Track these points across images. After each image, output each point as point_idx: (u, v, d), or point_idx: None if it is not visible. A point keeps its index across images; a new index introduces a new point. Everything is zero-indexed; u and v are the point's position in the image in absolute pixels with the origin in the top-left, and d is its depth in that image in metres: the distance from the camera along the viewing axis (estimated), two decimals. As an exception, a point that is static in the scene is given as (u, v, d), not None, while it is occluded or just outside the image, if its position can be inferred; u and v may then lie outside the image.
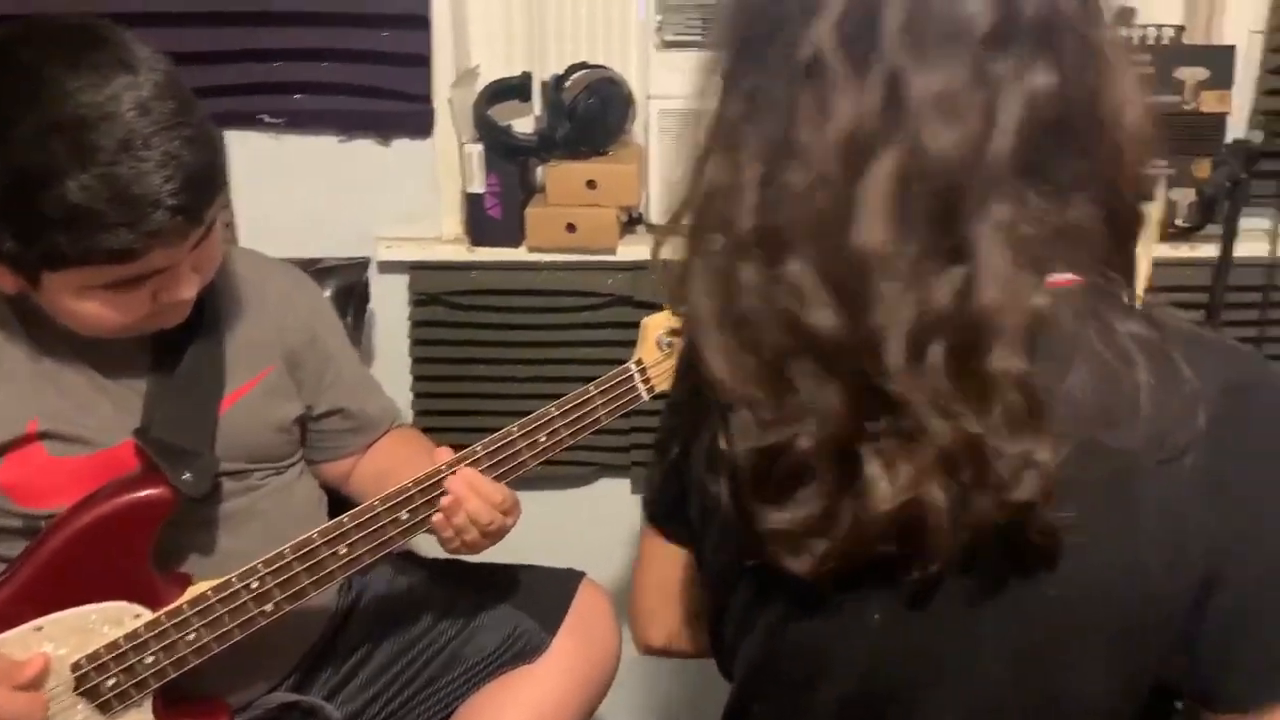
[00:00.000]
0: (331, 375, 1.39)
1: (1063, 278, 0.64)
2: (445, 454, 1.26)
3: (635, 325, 1.41)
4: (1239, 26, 1.70)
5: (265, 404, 1.30)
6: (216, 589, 1.17)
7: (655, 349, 1.39)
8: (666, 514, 0.93)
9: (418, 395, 1.88)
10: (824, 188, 0.61)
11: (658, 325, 1.40)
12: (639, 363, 1.38)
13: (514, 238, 1.76)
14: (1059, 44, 0.61)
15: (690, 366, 0.76)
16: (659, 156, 1.77)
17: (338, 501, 1.41)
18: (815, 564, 0.67)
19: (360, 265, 1.76)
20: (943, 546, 0.63)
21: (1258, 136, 1.62)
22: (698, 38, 1.72)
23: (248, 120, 1.76)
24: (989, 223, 0.59)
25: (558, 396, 1.32)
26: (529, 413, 1.30)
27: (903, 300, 0.60)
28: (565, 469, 1.88)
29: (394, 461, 1.40)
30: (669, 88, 1.75)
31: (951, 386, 0.59)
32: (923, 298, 0.59)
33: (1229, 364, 0.65)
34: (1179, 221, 1.70)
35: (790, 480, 0.66)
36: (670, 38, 1.73)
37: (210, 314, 1.25)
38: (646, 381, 1.38)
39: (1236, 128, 1.70)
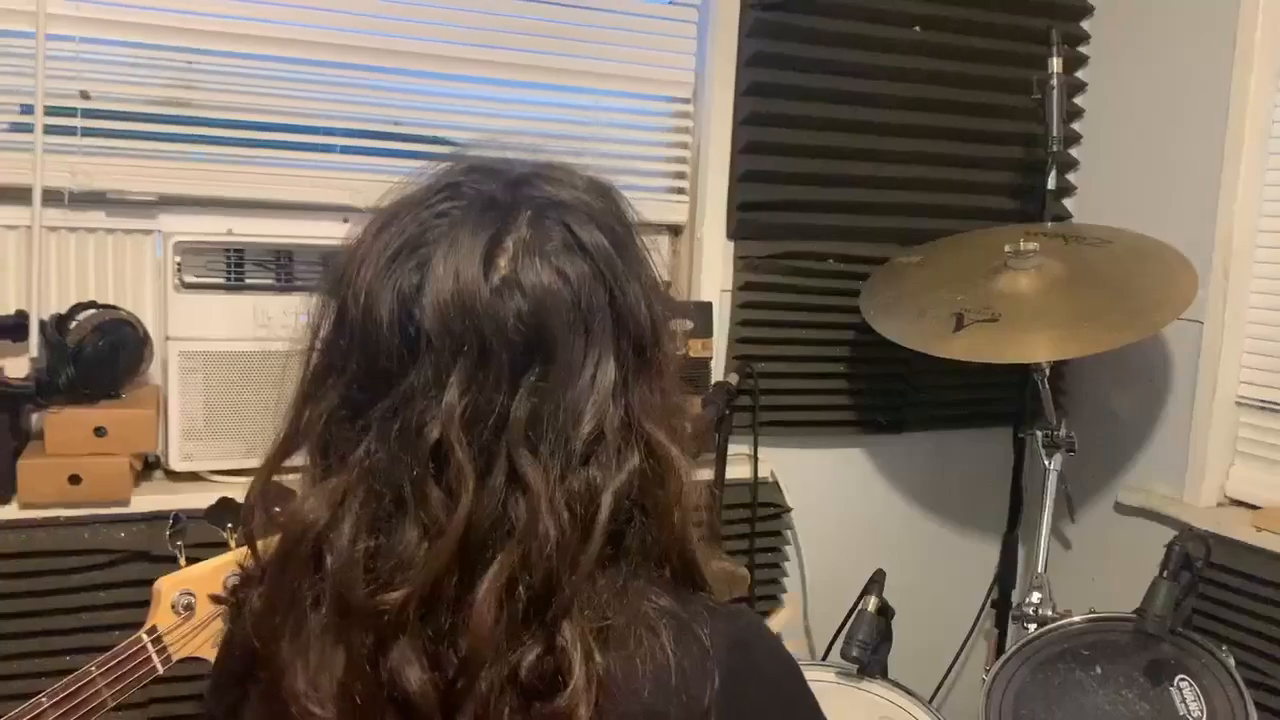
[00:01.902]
0: None
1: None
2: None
3: (152, 583, 1.28)
4: (713, 286, 2.01)
5: None
6: None
7: (171, 613, 1.27)
8: None
9: None
10: (440, 580, 0.64)
11: (173, 586, 1.29)
12: (151, 630, 1.25)
13: (2, 494, 1.58)
14: (636, 438, 0.69)
15: (241, 649, 0.73)
16: (180, 398, 1.68)
17: None
18: None
19: None
20: None
21: (734, 378, 1.89)
22: (221, 280, 1.70)
23: None
24: (575, 613, 0.65)
25: (63, 675, 1.16)
26: (20, 701, 1.13)
27: (492, 670, 0.64)
28: (62, 757, 1.63)
29: None
30: (191, 329, 1.69)
31: None
32: (511, 669, 0.64)
33: (733, 625, 0.73)
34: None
35: None
36: (191, 280, 1.69)
37: None
38: (162, 651, 1.25)
39: (717, 371, 1.99)
